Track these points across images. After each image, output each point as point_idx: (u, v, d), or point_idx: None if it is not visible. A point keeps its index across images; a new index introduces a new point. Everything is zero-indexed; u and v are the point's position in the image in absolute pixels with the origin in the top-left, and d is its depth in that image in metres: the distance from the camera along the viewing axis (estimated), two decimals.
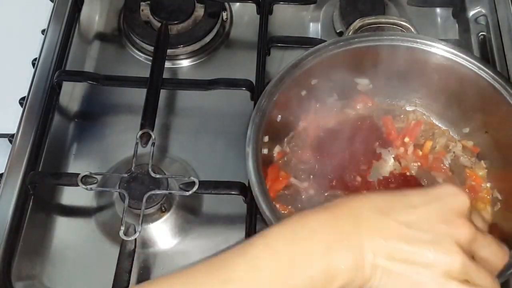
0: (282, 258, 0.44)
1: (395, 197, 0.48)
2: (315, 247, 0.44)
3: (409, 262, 0.45)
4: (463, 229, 0.46)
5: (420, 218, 0.46)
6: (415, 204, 0.47)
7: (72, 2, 0.90)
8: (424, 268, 0.45)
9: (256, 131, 0.65)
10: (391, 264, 0.45)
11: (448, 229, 0.45)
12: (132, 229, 0.65)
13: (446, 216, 0.46)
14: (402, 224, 0.45)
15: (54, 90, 0.81)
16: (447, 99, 0.76)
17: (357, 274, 0.44)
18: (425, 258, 0.45)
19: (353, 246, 0.44)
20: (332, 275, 0.44)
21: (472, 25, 0.87)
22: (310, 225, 0.45)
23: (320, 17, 0.93)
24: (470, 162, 0.74)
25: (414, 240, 0.45)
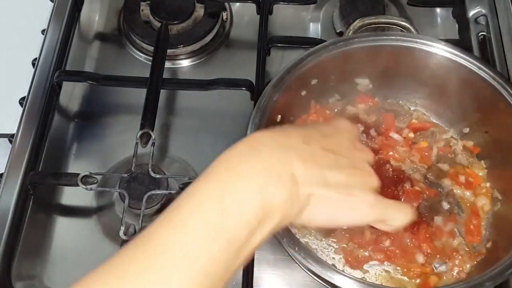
0: (211, 215, 0.41)
1: (310, 129, 0.52)
2: (245, 193, 0.43)
3: (341, 186, 0.48)
4: (369, 152, 0.54)
5: (337, 144, 0.50)
6: (329, 134, 0.51)
7: (72, 2, 0.90)
8: (355, 189, 0.48)
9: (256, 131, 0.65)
10: (324, 190, 0.47)
11: (361, 154, 0.52)
12: (132, 229, 0.66)
13: (354, 143, 0.52)
14: (326, 151, 0.48)
15: (54, 90, 0.81)
16: (447, 99, 0.76)
17: (293, 206, 0.45)
18: (354, 181, 0.49)
19: (286, 179, 0.44)
20: (269, 212, 0.43)
21: (472, 25, 0.87)
22: (238, 172, 0.43)
23: (320, 17, 0.93)
24: (468, 161, 0.75)
25: (341, 165, 0.49)
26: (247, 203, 0.42)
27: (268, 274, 0.69)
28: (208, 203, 0.42)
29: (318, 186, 0.46)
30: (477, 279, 0.58)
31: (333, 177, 0.47)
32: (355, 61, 0.73)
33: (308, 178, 0.45)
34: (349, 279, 0.57)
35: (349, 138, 0.52)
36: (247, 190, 0.43)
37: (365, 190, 0.49)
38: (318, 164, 0.47)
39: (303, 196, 0.45)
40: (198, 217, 0.41)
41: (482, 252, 0.67)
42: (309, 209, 0.46)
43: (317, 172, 0.46)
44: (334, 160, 0.48)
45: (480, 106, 0.72)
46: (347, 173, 0.48)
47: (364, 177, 0.50)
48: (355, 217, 0.49)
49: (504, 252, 0.60)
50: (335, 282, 0.57)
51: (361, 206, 0.49)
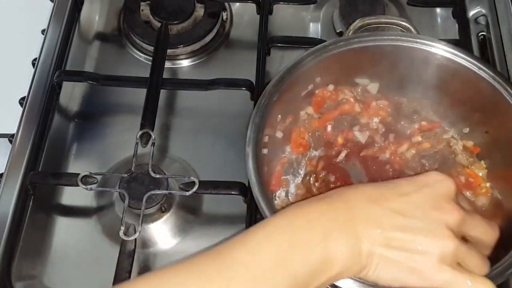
0: (281, 245, 0.44)
1: (386, 186, 0.49)
2: (313, 235, 0.45)
3: (404, 249, 0.46)
4: (453, 213, 0.48)
5: (412, 205, 0.48)
6: (406, 192, 0.48)
7: (72, 2, 0.90)
8: (419, 254, 0.46)
9: (256, 131, 0.65)
10: (386, 251, 0.46)
11: (439, 215, 0.47)
12: (132, 229, 0.66)
13: (436, 202, 0.48)
14: (395, 212, 0.47)
15: (54, 90, 0.81)
16: (447, 99, 0.76)
17: (354, 262, 0.46)
18: (420, 244, 0.46)
19: (350, 234, 0.46)
20: (330, 262, 0.45)
21: (472, 25, 0.87)
22: (307, 215, 0.47)
23: (320, 17, 0.93)
24: (468, 162, 0.75)
25: (408, 228, 0.47)
26: (312, 246, 0.45)
27: None
28: (280, 234, 0.45)
29: (379, 246, 0.46)
30: None
31: (396, 238, 0.46)
32: (355, 61, 0.73)
33: (370, 236, 0.46)
34: (349, 279, 0.57)
35: (430, 195, 0.48)
36: (313, 234, 0.45)
37: (429, 255, 0.46)
38: (381, 225, 0.47)
39: (364, 254, 0.46)
40: (270, 244, 0.45)
41: None
42: (373, 269, 0.47)
43: (380, 232, 0.46)
44: (401, 221, 0.47)
45: (480, 106, 0.72)
46: (413, 236, 0.46)
47: (433, 240, 0.46)
48: (419, 282, 0.47)
49: (504, 252, 0.60)
50: (335, 282, 0.57)
51: (424, 272, 0.46)
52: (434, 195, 0.48)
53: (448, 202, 0.48)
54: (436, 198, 0.48)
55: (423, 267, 0.46)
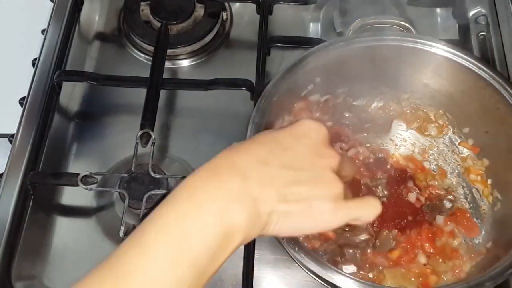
0: (175, 238, 0.44)
1: (269, 142, 0.51)
2: (206, 216, 0.45)
3: (301, 200, 0.49)
4: (334, 157, 0.52)
5: (298, 157, 0.50)
6: (289, 146, 0.51)
7: (72, 2, 0.90)
8: (315, 200, 0.49)
9: (256, 131, 0.65)
10: (285, 206, 0.48)
11: (323, 161, 0.51)
12: (132, 229, 0.65)
13: (317, 149, 0.51)
14: (285, 168, 0.49)
15: (54, 90, 0.81)
16: (447, 99, 0.76)
17: (254, 225, 0.47)
18: (314, 192, 0.49)
19: (246, 200, 0.46)
20: (231, 234, 0.45)
21: (472, 25, 0.87)
22: (197, 196, 0.46)
23: (320, 17, 0.93)
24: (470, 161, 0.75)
25: (300, 180, 0.49)
26: (208, 227, 0.44)
27: (268, 274, 0.69)
28: (171, 227, 0.44)
29: (277, 203, 0.48)
30: (477, 279, 0.58)
31: (292, 192, 0.48)
32: (355, 61, 0.73)
33: (267, 197, 0.47)
34: (349, 279, 0.57)
35: (310, 145, 0.51)
36: (208, 214, 0.45)
37: (324, 199, 0.49)
38: (276, 183, 0.48)
39: (264, 215, 0.47)
40: (162, 241, 0.44)
41: (482, 252, 0.67)
42: (273, 225, 0.48)
43: (276, 191, 0.48)
44: (292, 175, 0.49)
45: (480, 106, 0.72)
46: (306, 186, 0.49)
47: (324, 186, 0.50)
48: (319, 225, 0.51)
49: (504, 252, 0.60)
50: (335, 282, 0.57)
51: (322, 216, 0.50)
52: (313, 143, 0.51)
53: (326, 147, 0.52)
54: (316, 146, 0.51)
55: (321, 210, 0.49)
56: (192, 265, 0.43)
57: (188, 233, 0.44)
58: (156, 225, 0.45)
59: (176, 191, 0.47)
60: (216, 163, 0.49)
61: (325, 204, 0.49)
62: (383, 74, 0.75)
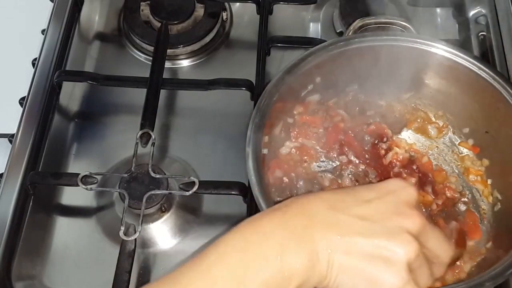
0: (235, 265, 0.43)
1: (348, 193, 0.48)
2: (268, 250, 0.44)
3: (366, 256, 0.45)
4: (414, 218, 0.47)
5: (373, 211, 0.47)
6: (368, 199, 0.47)
7: (72, 2, 0.90)
8: (379, 259, 0.45)
9: (256, 131, 0.65)
10: (347, 259, 0.45)
11: (401, 220, 0.46)
12: (132, 229, 0.66)
13: (397, 208, 0.47)
14: (355, 218, 0.46)
15: (54, 90, 0.81)
16: (447, 99, 0.76)
17: (314, 272, 0.45)
18: (381, 250, 0.45)
19: (307, 244, 0.44)
20: (287, 275, 0.44)
21: (472, 25, 0.87)
22: (261, 229, 0.45)
23: (320, 17, 0.93)
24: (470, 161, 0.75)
25: (368, 233, 0.45)
26: (267, 261, 0.44)
27: None
28: (232, 253, 0.44)
29: (340, 254, 0.45)
30: (477, 279, 0.57)
31: (357, 244, 0.45)
32: (355, 61, 0.73)
33: (329, 244, 0.45)
34: None
35: (395, 203, 0.47)
36: (268, 248, 0.44)
37: (394, 263, 0.45)
38: (341, 231, 0.45)
39: (324, 262, 0.45)
40: (223, 266, 0.43)
41: (482, 252, 0.67)
42: (334, 277, 0.45)
43: (340, 239, 0.45)
44: (361, 227, 0.45)
45: (480, 106, 0.72)
46: (374, 242, 0.45)
47: (395, 245, 0.45)
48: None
49: (504, 252, 0.60)
50: None
51: (387, 280, 0.45)
52: (396, 201, 0.48)
53: (410, 208, 0.48)
54: (398, 205, 0.47)
55: (385, 273, 0.45)
56: None
57: (248, 263, 0.43)
58: (218, 250, 0.45)
59: (244, 221, 0.46)
60: (285, 202, 0.48)
61: (389, 268, 0.45)
62: (383, 74, 0.74)
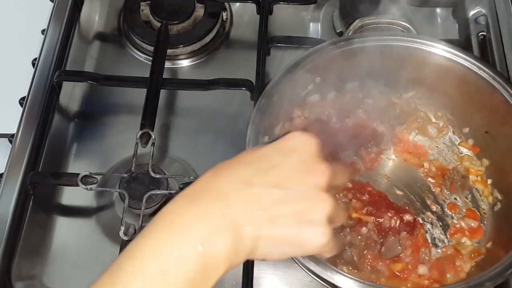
0: (152, 275, 0.41)
1: (255, 160, 0.48)
2: (188, 248, 0.42)
3: (288, 222, 0.46)
4: (324, 173, 0.48)
5: (285, 175, 0.47)
6: (275, 163, 0.47)
7: (72, 2, 0.90)
8: (302, 223, 0.46)
9: (256, 131, 0.65)
10: (271, 229, 0.45)
11: (312, 178, 0.47)
12: (132, 229, 0.66)
13: (305, 165, 0.48)
14: (269, 188, 0.46)
15: (54, 90, 0.81)
16: (447, 99, 0.76)
17: (239, 253, 0.44)
18: (301, 214, 0.46)
19: (229, 229, 0.44)
20: (212, 266, 0.43)
21: (472, 25, 0.87)
22: (178, 225, 0.43)
23: (320, 17, 0.93)
24: (468, 161, 0.75)
25: (287, 200, 0.46)
26: (187, 261, 0.42)
27: (268, 274, 0.69)
28: (149, 262, 0.42)
29: (264, 227, 0.45)
30: (477, 279, 0.58)
31: (279, 214, 0.46)
32: (355, 61, 0.73)
33: (252, 221, 0.45)
34: (349, 279, 0.57)
35: (299, 161, 0.48)
36: (186, 248, 0.42)
37: (312, 224, 0.47)
38: (262, 205, 0.45)
39: (248, 240, 0.45)
40: (139, 279, 0.41)
41: (482, 252, 0.67)
42: (260, 250, 0.46)
43: (261, 213, 0.45)
44: (279, 195, 0.46)
45: (480, 106, 0.72)
46: (294, 207, 0.46)
47: (313, 207, 0.47)
48: (307, 251, 0.48)
49: (504, 252, 0.60)
50: (335, 282, 0.57)
51: (310, 241, 0.47)
52: (302, 158, 0.48)
53: (317, 162, 0.48)
54: (304, 161, 0.48)
55: (308, 235, 0.47)
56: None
57: (166, 268, 0.41)
58: (133, 260, 0.42)
59: (155, 220, 0.44)
60: (196, 188, 0.46)
61: (313, 228, 0.47)
62: (383, 74, 0.75)
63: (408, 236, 0.66)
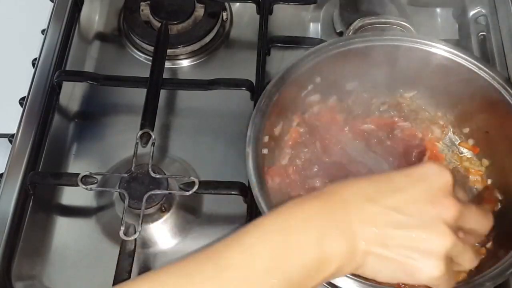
0: (276, 246, 0.44)
1: (381, 181, 0.49)
2: (308, 235, 0.45)
3: (401, 247, 0.46)
4: (450, 208, 0.47)
5: (408, 201, 0.47)
6: (401, 187, 0.48)
7: (72, 2, 0.90)
8: (416, 252, 0.46)
9: (256, 131, 0.65)
10: (384, 251, 0.46)
11: (436, 211, 0.47)
12: (132, 229, 0.66)
13: (432, 197, 0.47)
14: (390, 210, 0.46)
15: (54, 90, 0.81)
16: (447, 99, 0.76)
17: (350, 260, 0.46)
18: (418, 243, 0.46)
19: (345, 233, 0.46)
20: (325, 261, 0.45)
21: (472, 25, 0.87)
22: (302, 214, 0.46)
23: (320, 17, 0.92)
24: (468, 161, 0.75)
25: (404, 225, 0.46)
26: (308, 247, 0.45)
27: None
28: (275, 234, 0.45)
29: (376, 245, 0.46)
30: (477, 279, 0.58)
31: (393, 236, 0.46)
32: (355, 61, 0.73)
33: (366, 235, 0.46)
34: (349, 279, 0.57)
35: (427, 190, 0.47)
36: (309, 233, 0.45)
37: (426, 254, 0.46)
38: (378, 222, 0.46)
39: (360, 252, 0.46)
40: (265, 245, 0.44)
41: (482, 252, 0.67)
42: (369, 267, 0.47)
43: (377, 232, 0.46)
44: (398, 218, 0.46)
45: (480, 106, 0.72)
46: (410, 233, 0.46)
47: (431, 238, 0.46)
48: (416, 281, 0.48)
49: (504, 252, 0.60)
50: (335, 282, 0.57)
51: (421, 272, 0.46)
52: (430, 189, 0.47)
53: (445, 195, 0.47)
54: (432, 192, 0.47)
55: (420, 264, 0.46)
56: (285, 278, 0.43)
57: (289, 245, 0.44)
58: (260, 230, 0.45)
59: (284, 205, 0.47)
60: (324, 191, 0.49)
61: (426, 260, 0.46)
62: (383, 74, 0.74)
63: None
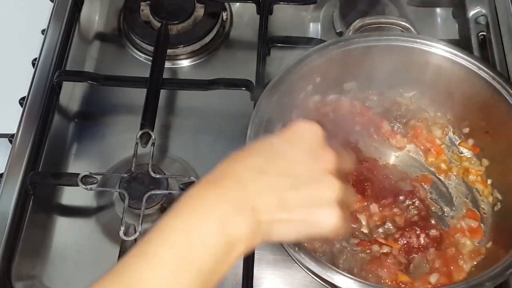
0: (180, 247, 0.45)
1: (266, 149, 0.51)
2: (210, 226, 0.46)
3: (298, 206, 0.49)
4: (329, 158, 0.51)
5: (294, 163, 0.50)
6: (284, 151, 0.50)
7: (72, 2, 0.90)
8: (312, 207, 0.49)
9: (256, 131, 0.65)
10: (283, 214, 0.49)
11: (319, 164, 0.50)
12: (132, 229, 0.66)
13: (312, 152, 0.51)
14: (281, 176, 0.49)
15: (54, 90, 0.81)
16: (447, 99, 0.76)
17: (256, 234, 0.48)
18: (312, 198, 0.49)
19: (246, 211, 0.47)
20: (233, 244, 0.46)
21: (472, 25, 0.87)
22: (200, 208, 0.47)
23: (320, 17, 0.93)
24: (468, 161, 0.75)
25: (296, 186, 0.49)
26: (211, 237, 0.45)
27: (268, 274, 0.69)
28: (176, 236, 0.45)
29: (277, 212, 0.48)
30: (477, 279, 0.58)
31: (290, 199, 0.49)
32: (355, 61, 0.73)
33: (266, 206, 0.48)
34: (349, 279, 0.57)
35: (305, 148, 0.51)
36: (210, 225, 0.46)
37: (323, 205, 0.49)
38: (274, 191, 0.48)
39: (265, 224, 0.48)
40: (168, 251, 0.45)
41: (482, 252, 0.67)
42: (276, 232, 0.49)
43: (275, 199, 0.48)
44: (290, 182, 0.49)
45: (480, 106, 0.72)
46: (304, 192, 0.49)
47: (322, 190, 0.50)
48: (321, 231, 0.50)
49: (504, 252, 0.60)
50: (335, 282, 0.57)
51: (323, 222, 0.50)
52: (308, 146, 0.51)
53: (322, 147, 0.51)
54: (311, 148, 0.51)
55: (320, 216, 0.49)
56: (196, 274, 0.44)
57: (192, 243, 0.45)
58: (162, 235, 0.46)
59: (181, 201, 0.48)
60: (216, 174, 0.50)
61: (324, 210, 0.49)
62: (383, 74, 0.74)
63: (436, 252, 0.66)
